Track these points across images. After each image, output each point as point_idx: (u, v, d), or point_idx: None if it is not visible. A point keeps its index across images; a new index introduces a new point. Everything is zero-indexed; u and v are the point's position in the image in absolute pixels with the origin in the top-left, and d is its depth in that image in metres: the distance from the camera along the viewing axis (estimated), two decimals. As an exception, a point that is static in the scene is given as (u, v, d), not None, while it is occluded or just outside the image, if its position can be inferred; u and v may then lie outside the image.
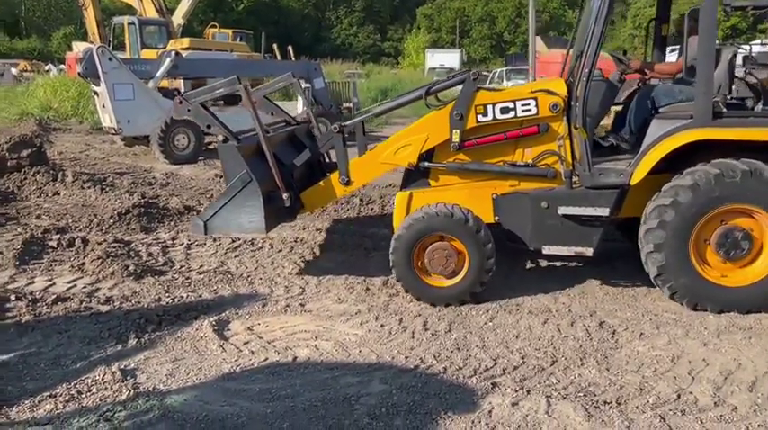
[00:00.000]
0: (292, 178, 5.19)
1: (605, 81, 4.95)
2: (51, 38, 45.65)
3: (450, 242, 4.53)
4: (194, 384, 3.47)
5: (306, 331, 4.20)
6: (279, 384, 3.42)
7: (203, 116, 4.88)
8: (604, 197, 4.46)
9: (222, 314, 4.44)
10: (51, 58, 37.88)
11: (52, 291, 4.85)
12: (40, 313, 4.41)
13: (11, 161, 8.63)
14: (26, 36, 46.95)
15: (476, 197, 4.80)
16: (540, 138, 4.72)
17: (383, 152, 5.00)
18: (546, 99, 4.63)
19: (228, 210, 4.77)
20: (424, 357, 3.75)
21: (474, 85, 4.72)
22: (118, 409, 3.14)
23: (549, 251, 4.65)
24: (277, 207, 4.89)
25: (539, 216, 4.61)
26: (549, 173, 4.69)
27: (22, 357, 3.79)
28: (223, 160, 4.84)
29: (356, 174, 5.08)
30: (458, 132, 4.72)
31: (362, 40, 64.18)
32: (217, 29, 21.09)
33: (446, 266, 4.53)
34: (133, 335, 4.08)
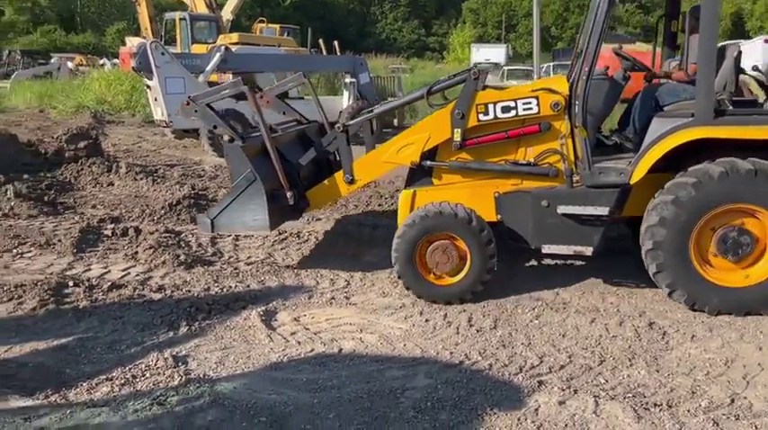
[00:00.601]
0: (298, 177, 5.27)
1: (608, 79, 4.89)
2: (105, 33, 47.01)
3: (453, 241, 4.53)
4: (243, 372, 3.55)
5: (351, 324, 4.24)
6: (325, 375, 3.47)
7: (209, 117, 4.98)
8: (605, 196, 4.42)
9: (269, 304, 4.52)
10: (105, 52, 39.00)
11: (107, 279, 5.02)
12: (97, 299, 4.58)
13: (68, 152, 8.96)
14: (81, 31, 48.43)
15: (478, 196, 4.81)
16: (541, 136, 4.69)
17: (386, 151, 5.04)
18: (547, 97, 4.60)
19: (234, 208, 4.88)
20: (469, 353, 3.75)
21: (475, 83, 4.71)
22: (170, 394, 3.24)
23: (549, 250, 4.63)
24: (281, 205, 4.97)
25: (539, 215, 4.59)
26: (550, 171, 4.66)
27: (80, 341, 3.94)
28: (228, 160, 4.96)
29: (360, 173, 5.13)
30: (459, 131, 4.73)
31: (407, 35, 64.06)
32: (264, 24, 21.36)
33: (448, 264, 4.53)
34: (184, 323, 4.19)
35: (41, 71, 20.38)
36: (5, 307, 4.40)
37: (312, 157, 5.40)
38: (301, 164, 5.34)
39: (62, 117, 14.92)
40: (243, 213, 4.87)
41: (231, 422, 2.97)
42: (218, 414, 3.04)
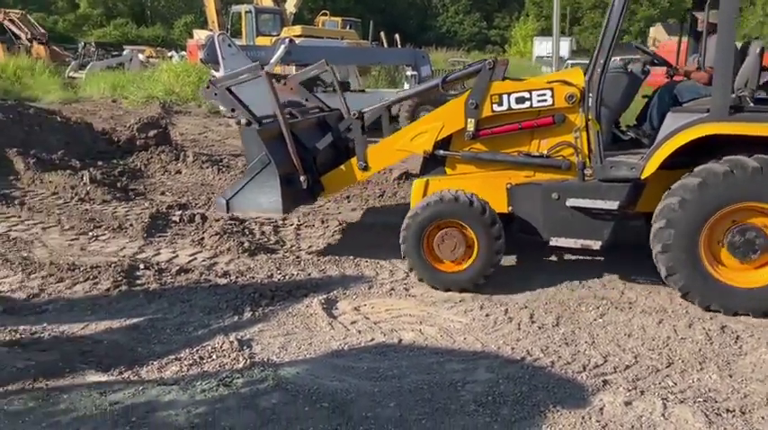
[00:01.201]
0: (314, 162, 5.34)
1: (626, 72, 4.80)
2: (173, 26, 48.49)
3: (461, 229, 4.55)
4: (305, 358, 3.61)
5: (410, 315, 4.25)
6: (385, 364, 3.50)
7: (228, 100, 5.08)
8: (615, 190, 4.38)
9: (330, 293, 4.58)
10: (173, 45, 40.25)
11: (176, 263, 5.19)
12: (165, 282, 4.74)
13: (139, 141, 9.30)
14: (151, 24, 50.11)
15: (490, 186, 4.79)
16: (555, 129, 4.64)
17: (400, 139, 5.08)
18: (562, 90, 4.55)
19: (249, 190, 4.99)
20: (531, 349, 3.70)
21: (490, 74, 4.68)
22: (235, 376, 3.33)
23: (557, 243, 4.60)
24: (296, 189, 5.06)
25: (549, 207, 4.58)
26: (563, 164, 4.61)
27: (151, 322, 4.10)
28: (244, 142, 5.08)
29: (374, 160, 5.20)
30: (473, 121, 4.73)
31: (468, 28, 63.34)
32: (327, 17, 21.57)
33: (455, 252, 4.56)
34: (248, 308, 4.30)
35: (114, 63, 21.21)
36: (82, 286, 4.62)
37: (329, 143, 5.48)
38: (318, 148, 5.42)
39: (133, 107, 15.49)
40: (257, 195, 4.97)
41: (294, 405, 3.03)
42: (281, 397, 3.10)
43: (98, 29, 45.36)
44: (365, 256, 5.44)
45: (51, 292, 4.51)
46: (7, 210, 6.51)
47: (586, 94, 4.45)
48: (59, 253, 5.35)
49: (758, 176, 3.93)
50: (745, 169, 3.95)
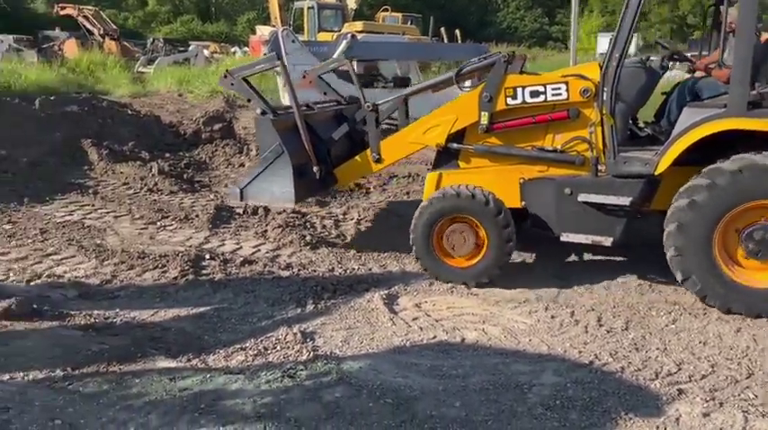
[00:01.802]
0: (328, 154, 5.38)
1: (644, 67, 4.71)
2: (237, 22, 49.44)
3: (471, 223, 4.55)
4: (367, 353, 3.61)
5: (473, 314, 4.19)
6: (449, 363, 3.45)
7: (245, 90, 5.15)
8: (628, 186, 4.31)
9: (391, 289, 4.56)
10: (236, 41, 41.08)
11: (240, 254, 5.28)
12: (230, 273, 4.83)
13: (205, 134, 9.53)
14: (215, 20, 51.27)
15: (504, 180, 4.76)
16: (569, 123, 4.57)
17: (413, 131, 5.07)
18: (577, 84, 4.49)
19: (262, 179, 5.05)
20: (599, 354, 3.58)
21: (505, 67, 4.64)
22: (299, 368, 3.36)
23: (568, 238, 4.55)
24: (309, 179, 5.09)
25: (561, 202, 4.53)
26: (577, 159, 4.54)
27: (216, 311, 4.18)
28: (258, 132, 5.14)
29: (387, 152, 5.22)
30: (486, 115, 4.68)
31: (529, 24, 62.18)
32: (388, 12, 21.59)
33: (464, 247, 4.56)
34: (311, 301, 4.33)
35: (181, 58, 21.80)
36: (151, 274, 4.75)
37: (344, 135, 5.50)
38: (333, 140, 5.46)
39: (198, 101, 15.86)
40: (271, 184, 5.02)
41: (358, 400, 3.03)
42: (345, 391, 3.10)
43: (165, 25, 46.66)
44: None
45: (123, 279, 4.66)
46: (82, 198, 6.78)
47: (601, 89, 4.37)
48: (130, 241, 5.53)
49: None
50: (755, 167, 3.84)
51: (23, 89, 13.93)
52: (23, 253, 5.08)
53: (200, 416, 2.84)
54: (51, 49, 21.26)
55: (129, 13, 47.32)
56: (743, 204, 3.92)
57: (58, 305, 4.12)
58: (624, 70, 4.35)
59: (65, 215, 6.17)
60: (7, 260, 4.90)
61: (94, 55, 21.14)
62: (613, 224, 4.45)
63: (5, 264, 4.80)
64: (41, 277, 4.59)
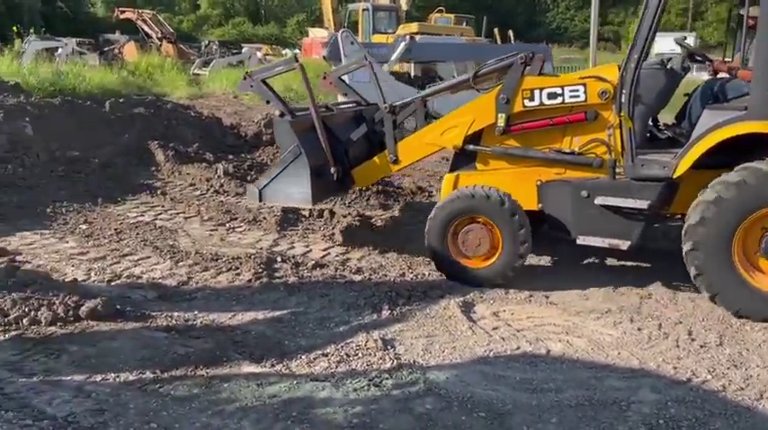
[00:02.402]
0: (346, 155, 5.40)
1: (664, 68, 4.62)
2: (286, 24, 50.07)
3: (486, 224, 4.54)
4: (451, 363, 3.53)
5: (555, 325, 4.07)
6: (539, 376, 3.34)
7: (264, 91, 5.18)
8: (647, 190, 4.27)
9: (467, 296, 4.47)
10: (286, 43, 41.60)
11: (310, 257, 5.28)
12: (303, 276, 4.82)
13: (266, 136, 9.60)
14: (265, 23, 52.03)
15: (521, 182, 4.74)
16: (587, 125, 4.54)
17: (430, 133, 5.08)
18: (595, 85, 4.44)
19: (280, 180, 5.08)
20: (696, 370, 3.42)
21: (522, 68, 4.60)
22: (384, 377, 3.30)
23: (584, 242, 4.51)
24: (326, 180, 5.13)
25: (578, 205, 4.49)
26: (595, 162, 4.50)
27: (293, 315, 4.16)
28: (277, 133, 5.17)
29: (404, 154, 5.21)
30: (503, 116, 4.67)
31: (579, 24, 60.95)
32: (442, 13, 21.47)
33: (479, 248, 4.55)
34: (386, 307, 4.27)
35: (235, 60, 22.17)
36: (225, 276, 4.78)
37: (363, 136, 5.53)
38: (351, 141, 5.48)
39: (254, 103, 16.07)
40: (288, 185, 5.04)
41: (450, 412, 2.95)
42: (435, 403, 3.03)
43: (217, 28, 47.64)
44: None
45: (198, 281, 4.70)
46: (152, 199, 6.90)
47: (619, 91, 4.29)
48: (201, 242, 5.59)
49: None
50: (757, 175, 3.77)
51: (87, 91, 14.39)
52: (101, 253, 5.18)
53: (293, 425, 2.82)
54: (112, 51, 21.91)
55: (182, 16, 48.45)
56: (754, 213, 3.84)
57: (140, 306, 4.17)
58: (643, 72, 4.29)
59: (137, 216, 6.28)
60: (87, 260, 5.01)
61: (152, 58, 21.71)
62: (631, 228, 4.39)
63: (86, 264, 4.90)
64: (121, 277, 4.67)
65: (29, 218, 5.91)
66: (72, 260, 4.98)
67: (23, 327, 3.68)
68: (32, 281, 4.13)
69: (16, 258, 4.88)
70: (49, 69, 15.03)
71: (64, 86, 14.09)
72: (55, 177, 7.00)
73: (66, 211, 6.17)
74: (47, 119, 8.05)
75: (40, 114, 8.02)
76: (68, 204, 6.35)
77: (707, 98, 4.60)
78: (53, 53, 17.89)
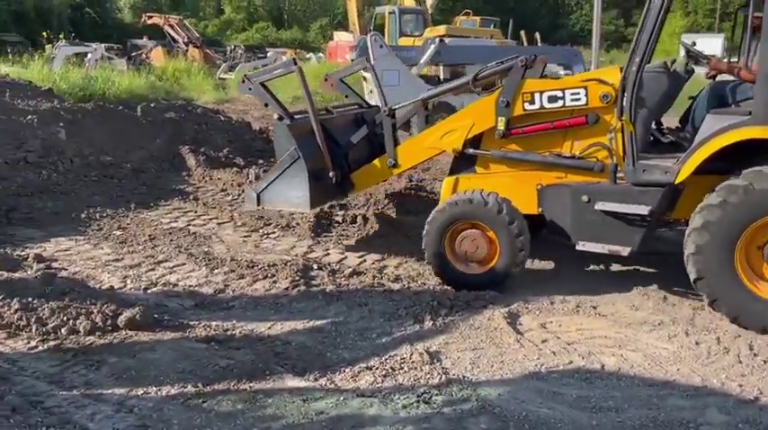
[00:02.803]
0: (346, 158, 5.37)
1: (667, 71, 4.48)
2: (309, 29, 50.28)
3: (483, 230, 4.48)
4: (501, 378, 3.38)
5: (606, 337, 3.89)
6: (596, 393, 3.18)
7: (263, 95, 5.12)
8: (648, 195, 4.18)
9: (511, 306, 4.31)
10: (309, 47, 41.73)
11: (347, 264, 5.16)
12: (340, 284, 4.70)
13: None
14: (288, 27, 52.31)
15: (521, 186, 4.69)
16: (588, 129, 4.47)
17: (430, 136, 5.02)
18: (596, 88, 4.38)
19: (278, 184, 5.04)
20: (763, 389, 3.23)
21: (522, 71, 4.54)
22: (434, 393, 3.17)
23: (584, 248, 4.43)
24: (325, 185, 5.07)
25: (578, 210, 4.42)
26: (596, 166, 4.43)
27: (333, 325, 4.04)
28: (275, 137, 5.11)
29: (403, 158, 5.17)
30: (503, 120, 4.61)
31: (605, 26, 60.40)
32: (469, 16, 21.28)
33: (477, 254, 4.50)
34: (428, 317, 4.13)
35: (260, 65, 22.17)
36: (262, 284, 4.68)
37: (363, 140, 5.49)
38: (350, 144, 5.45)
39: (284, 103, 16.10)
40: (286, 189, 5.00)
41: (507, 433, 2.81)
42: (490, 422, 2.89)
43: (241, 33, 47.97)
44: (539, 268, 5.13)
45: (235, 288, 4.61)
46: (184, 204, 6.85)
47: (620, 94, 4.23)
48: (236, 249, 5.50)
49: None
50: (765, 180, 3.67)
51: (116, 96, 14.49)
52: (136, 259, 5.12)
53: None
54: (139, 57, 22.10)
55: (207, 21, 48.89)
56: (760, 219, 3.74)
57: (177, 315, 4.09)
58: (646, 75, 4.23)
59: (170, 221, 6.22)
60: (122, 266, 4.95)
61: (179, 62, 21.86)
62: (632, 233, 4.30)
63: (122, 271, 4.84)
64: (157, 285, 4.59)
65: (64, 224, 5.88)
66: (107, 267, 4.93)
67: (62, 337, 3.61)
68: (70, 289, 4.07)
69: (52, 265, 4.85)
70: (79, 74, 15.15)
71: (94, 91, 14.20)
72: (89, 182, 6.99)
73: (101, 217, 6.14)
74: (80, 124, 8.07)
75: (74, 119, 8.04)
76: (102, 210, 6.32)
77: (711, 102, 4.51)
78: (82, 58, 18.07)
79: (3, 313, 3.71)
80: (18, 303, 3.77)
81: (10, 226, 5.68)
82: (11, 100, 7.81)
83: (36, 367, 3.28)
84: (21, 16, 29.67)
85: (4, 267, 4.41)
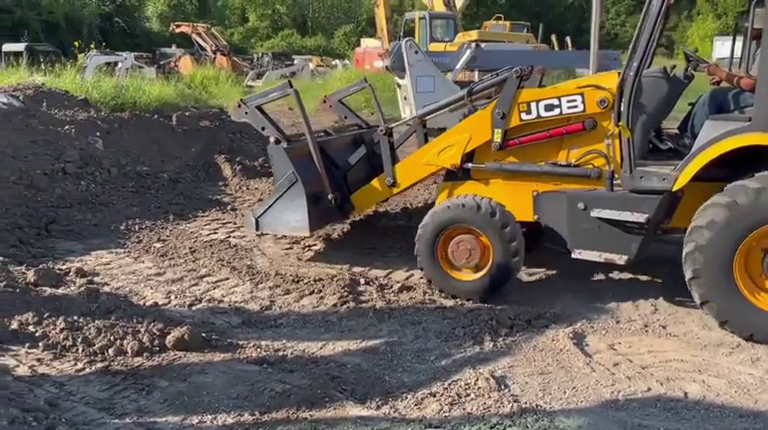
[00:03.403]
0: (345, 180, 5.35)
1: (666, 77, 4.36)
2: (333, 36, 50.36)
3: (477, 235, 4.42)
4: (577, 407, 3.14)
5: (682, 360, 3.63)
6: (685, 426, 2.93)
7: (259, 119, 5.08)
8: (646, 203, 4.12)
9: (576, 325, 4.07)
10: (333, 54, 41.73)
11: (394, 279, 4.96)
12: (390, 300, 4.50)
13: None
14: (312, 34, 52.47)
15: (517, 193, 4.65)
16: (585, 136, 4.44)
17: (427, 153, 4.96)
18: (593, 95, 4.35)
19: (277, 208, 4.98)
20: None
21: (517, 82, 4.49)
22: (507, 424, 2.94)
23: (580, 256, 4.35)
24: (325, 208, 5.04)
25: (574, 217, 4.34)
26: (592, 173, 4.39)
27: (388, 345, 3.84)
28: (272, 160, 5.08)
29: (402, 176, 5.11)
30: (499, 132, 4.57)
31: (630, 30, 59.42)
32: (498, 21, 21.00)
33: (469, 260, 4.43)
34: (488, 338, 3.91)
35: (288, 72, 22.20)
36: (309, 300, 4.50)
37: (360, 158, 5.48)
38: (350, 163, 5.43)
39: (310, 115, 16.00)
40: (285, 213, 4.95)
41: (595, 472, 2.57)
42: (575, 459, 2.65)
43: (266, 40, 48.17)
44: (599, 285, 4.87)
45: (281, 305, 4.43)
46: (222, 215, 6.71)
47: (617, 99, 4.18)
48: (278, 262, 5.33)
49: None
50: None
51: (147, 104, 14.48)
52: (178, 274, 4.97)
53: (420, 484, 2.47)
54: (168, 65, 22.21)
55: (232, 29, 49.23)
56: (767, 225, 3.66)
57: (225, 334, 3.92)
58: (645, 80, 4.17)
59: (210, 233, 6.08)
60: (165, 281, 4.80)
61: (207, 70, 21.90)
62: (629, 242, 4.22)
63: (164, 286, 4.69)
64: (202, 301, 4.43)
65: (103, 236, 5.77)
66: (150, 282, 4.78)
67: (109, 358, 3.45)
68: (115, 306, 3.93)
69: (94, 280, 4.72)
70: (111, 83, 15.19)
71: (125, 100, 14.19)
72: (126, 193, 6.88)
73: (140, 229, 6.01)
74: (115, 133, 8.00)
75: (110, 129, 7.97)
76: (141, 221, 6.20)
77: (710, 108, 4.41)
78: (113, 67, 18.17)
79: (48, 332, 3.58)
80: (63, 322, 3.63)
81: (50, 238, 5.58)
82: (48, 109, 7.75)
83: (85, 391, 3.12)
84: (51, 26, 30.03)
85: (47, 283, 4.28)
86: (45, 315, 3.69)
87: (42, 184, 6.14)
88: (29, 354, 3.42)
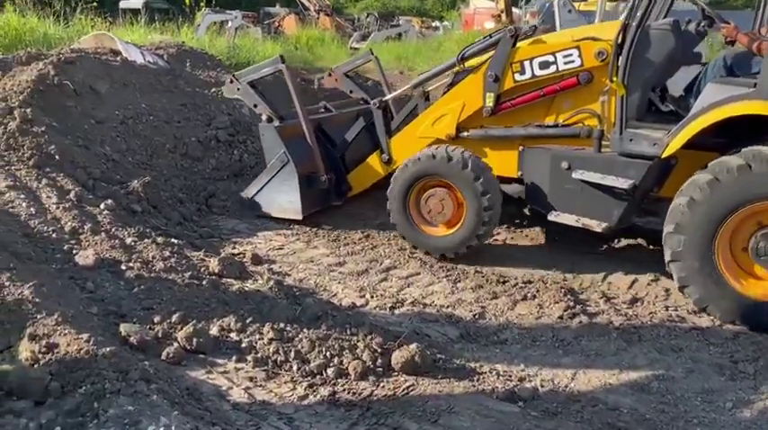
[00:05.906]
0: (342, 159, 5.10)
1: (675, 30, 3.91)
2: (428, -4, 48.73)
3: (451, 190, 4.23)
4: None
5: None
6: None
7: (251, 95, 4.88)
8: (633, 168, 3.86)
9: None
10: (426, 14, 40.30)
11: (615, 284, 4.16)
12: (626, 315, 3.73)
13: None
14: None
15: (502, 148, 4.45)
16: (580, 92, 4.19)
17: (421, 125, 4.72)
18: (590, 47, 4.10)
19: (269, 189, 4.83)
20: None
21: (511, 42, 4.28)
22: None
23: (556, 218, 4.14)
24: (318, 189, 4.82)
25: (557, 177, 4.12)
26: (582, 131, 4.15)
27: (657, 381, 3.07)
28: (263, 140, 4.84)
29: (397, 151, 4.85)
30: (492, 96, 4.36)
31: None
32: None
33: (442, 214, 4.27)
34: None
35: (393, 33, 21.29)
36: (525, 308, 3.76)
37: (356, 134, 5.19)
38: (347, 141, 5.18)
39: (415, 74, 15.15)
40: (277, 195, 4.79)
41: None
42: None
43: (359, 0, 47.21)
44: None
45: (495, 313, 3.72)
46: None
47: (615, 52, 3.86)
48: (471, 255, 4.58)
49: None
50: (764, 162, 3.28)
51: (260, 65, 14.06)
52: (361, 264, 4.32)
53: None
54: (273, 24, 21.77)
55: (327, -12, 48.53)
56: (751, 205, 3.36)
57: (448, 351, 3.23)
58: (651, 32, 3.83)
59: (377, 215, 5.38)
60: (349, 274, 4.16)
61: (312, 31, 21.33)
62: (611, 208, 3.97)
63: (352, 280, 4.04)
64: (404, 304, 3.74)
65: (265, 214, 5.20)
66: (333, 274, 4.15)
67: (329, 380, 2.82)
68: (322, 311, 3.28)
69: (272, 268, 4.14)
70: (223, 42, 14.85)
71: (239, 60, 13.82)
72: (277, 164, 6.29)
73: (301, 206, 5.40)
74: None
75: (250, 92, 7.37)
76: (300, 196, 5.59)
77: (719, 71, 3.99)
78: (220, 26, 17.86)
79: (255, 343, 2.97)
80: (271, 330, 3.02)
81: (211, 214, 5.06)
82: (191, 70, 7.25)
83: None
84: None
85: (231, 274, 3.71)
86: (248, 320, 3.09)
87: (197, 153, 5.64)
88: (238, 371, 2.83)
